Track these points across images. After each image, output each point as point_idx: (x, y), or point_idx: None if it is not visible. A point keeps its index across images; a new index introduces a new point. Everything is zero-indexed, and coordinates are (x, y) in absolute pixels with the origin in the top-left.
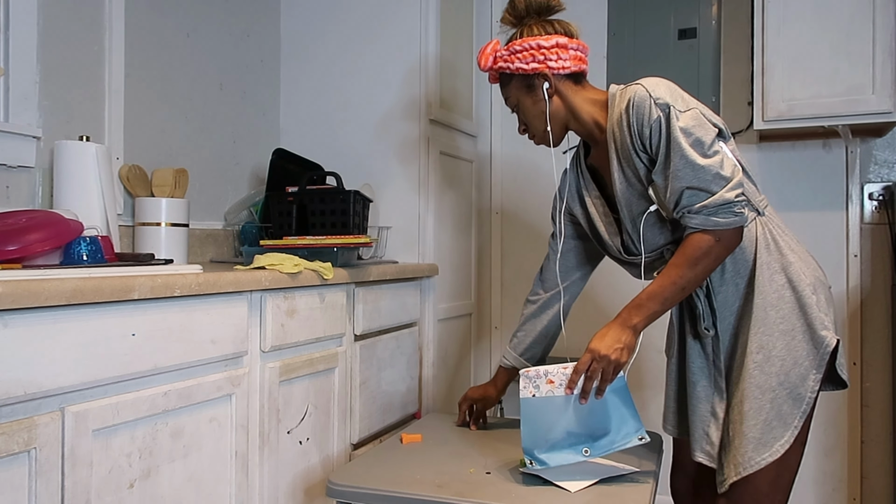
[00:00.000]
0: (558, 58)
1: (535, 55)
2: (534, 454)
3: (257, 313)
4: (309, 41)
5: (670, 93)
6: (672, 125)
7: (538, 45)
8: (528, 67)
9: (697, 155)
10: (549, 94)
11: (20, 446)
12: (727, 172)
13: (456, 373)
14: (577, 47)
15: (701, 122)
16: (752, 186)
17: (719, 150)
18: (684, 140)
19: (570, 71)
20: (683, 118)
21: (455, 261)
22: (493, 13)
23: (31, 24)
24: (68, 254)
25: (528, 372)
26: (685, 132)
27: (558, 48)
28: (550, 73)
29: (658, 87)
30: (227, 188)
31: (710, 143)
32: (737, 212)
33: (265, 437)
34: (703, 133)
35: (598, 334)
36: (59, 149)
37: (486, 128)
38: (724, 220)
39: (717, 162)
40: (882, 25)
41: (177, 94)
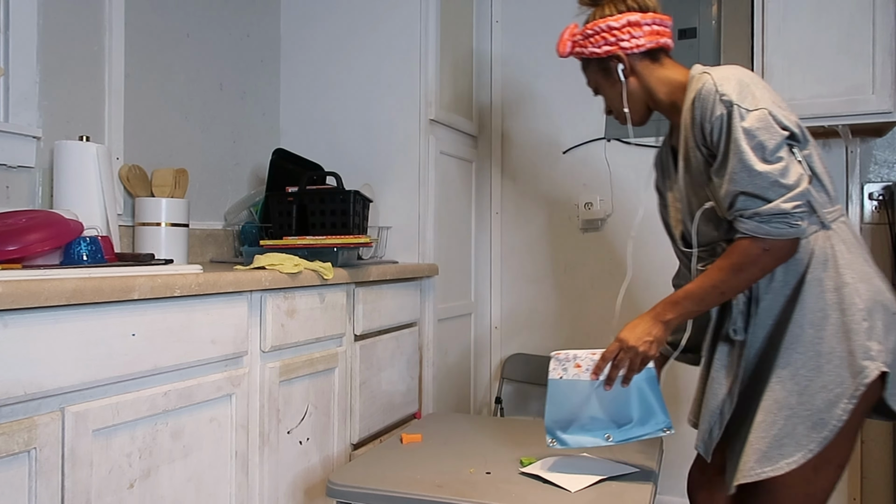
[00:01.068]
0: (631, 37)
1: (607, 37)
2: (555, 433)
3: (257, 313)
4: (309, 41)
5: (739, 89)
6: (734, 125)
7: (608, 26)
8: (601, 51)
9: (757, 159)
10: (625, 75)
11: (20, 446)
12: (788, 181)
13: (456, 373)
14: (653, 21)
15: (767, 124)
16: (824, 197)
17: (784, 156)
18: (745, 142)
19: (645, 48)
20: (749, 118)
21: (455, 261)
22: (492, 13)
23: (31, 24)
24: (68, 254)
25: (558, 354)
26: (748, 133)
27: (630, 27)
28: (624, 53)
29: (727, 80)
30: (227, 188)
31: (773, 147)
32: (792, 223)
33: (265, 437)
34: (768, 137)
35: (630, 325)
36: (59, 149)
37: (486, 128)
38: (776, 229)
39: (779, 169)
40: (882, 25)
41: (177, 94)
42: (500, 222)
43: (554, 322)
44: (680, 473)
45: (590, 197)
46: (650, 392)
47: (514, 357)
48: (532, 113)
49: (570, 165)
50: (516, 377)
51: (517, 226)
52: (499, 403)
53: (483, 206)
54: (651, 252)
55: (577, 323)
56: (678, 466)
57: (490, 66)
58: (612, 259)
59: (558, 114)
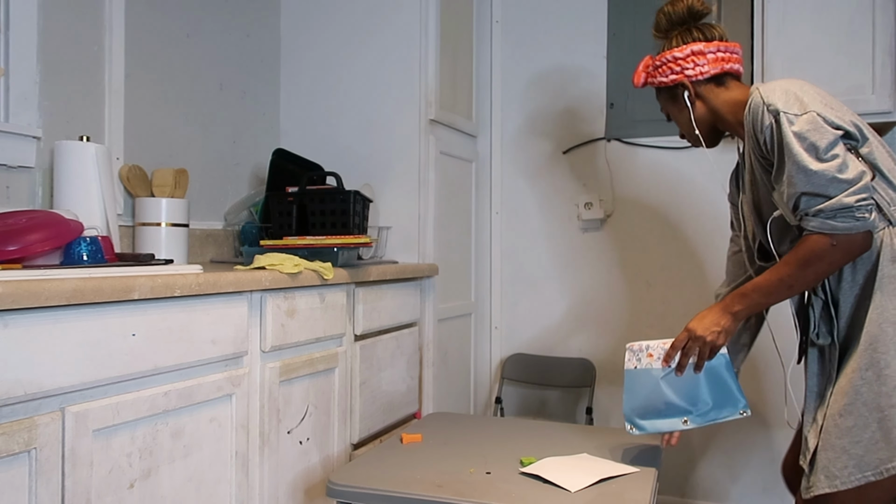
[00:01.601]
0: (695, 65)
1: (673, 67)
2: (633, 420)
3: (257, 313)
4: (309, 41)
5: (785, 97)
6: (784, 131)
7: (673, 57)
8: (668, 80)
9: (812, 159)
10: (692, 101)
11: (20, 446)
12: (848, 175)
13: (456, 373)
14: (717, 49)
15: (817, 125)
16: (891, 193)
17: (839, 153)
18: (797, 145)
19: (709, 75)
20: (799, 122)
21: (455, 261)
22: (492, 13)
23: (31, 24)
24: (68, 254)
25: (632, 346)
26: (799, 137)
27: (694, 56)
28: (689, 81)
29: (773, 91)
30: (227, 188)
31: (826, 146)
32: (858, 216)
33: (265, 437)
34: (819, 137)
35: (699, 315)
36: (59, 149)
37: (486, 128)
38: (842, 224)
39: (835, 166)
40: (882, 25)
41: (177, 94)
42: (500, 222)
43: (554, 322)
44: (680, 473)
45: (590, 197)
46: (727, 376)
47: (514, 357)
48: (532, 113)
49: (570, 165)
50: (516, 377)
51: (517, 226)
52: (499, 403)
53: (483, 206)
54: (651, 252)
55: (578, 323)
56: (678, 466)
57: (490, 66)
58: (612, 259)
59: (558, 114)
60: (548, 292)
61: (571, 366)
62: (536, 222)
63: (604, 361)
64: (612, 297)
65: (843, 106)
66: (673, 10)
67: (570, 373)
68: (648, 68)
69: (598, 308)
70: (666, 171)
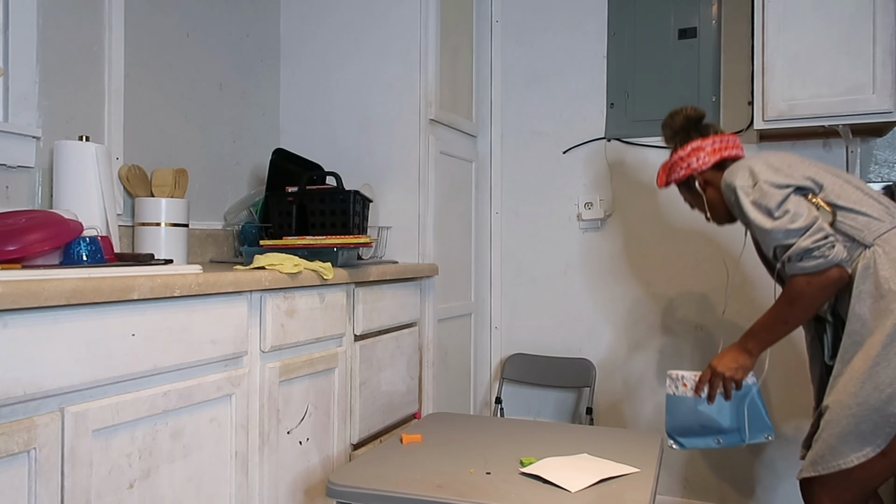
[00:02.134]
0: (697, 159)
1: (681, 164)
2: (674, 437)
3: (257, 313)
4: (309, 41)
5: (741, 174)
6: (742, 203)
7: (679, 157)
8: (680, 175)
9: (767, 219)
10: (702, 188)
11: (20, 446)
12: (799, 224)
13: (456, 373)
14: (713, 142)
15: (764, 191)
16: (861, 219)
17: (789, 208)
18: (754, 212)
19: (711, 164)
20: (752, 193)
21: (455, 261)
22: (492, 13)
23: (31, 24)
24: (68, 254)
25: (671, 373)
26: (755, 205)
27: (695, 151)
28: (696, 172)
29: (732, 173)
30: (227, 188)
31: (775, 206)
32: (817, 255)
33: (265, 438)
34: (768, 200)
35: (720, 353)
36: (58, 149)
37: (486, 128)
38: (809, 264)
39: (787, 220)
40: (882, 25)
41: (177, 94)
42: (500, 222)
43: (554, 322)
44: (680, 473)
45: (590, 197)
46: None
47: (514, 357)
48: (532, 113)
49: (570, 165)
50: (516, 377)
51: (517, 226)
52: (499, 403)
53: (483, 206)
54: (651, 252)
55: (578, 323)
56: (678, 466)
57: (490, 66)
58: (612, 259)
59: (558, 114)
60: (548, 292)
61: (571, 366)
62: (536, 222)
63: (604, 361)
64: (612, 296)
65: (803, 163)
66: (673, 122)
67: (570, 373)
68: (666, 170)
69: (598, 308)
70: None
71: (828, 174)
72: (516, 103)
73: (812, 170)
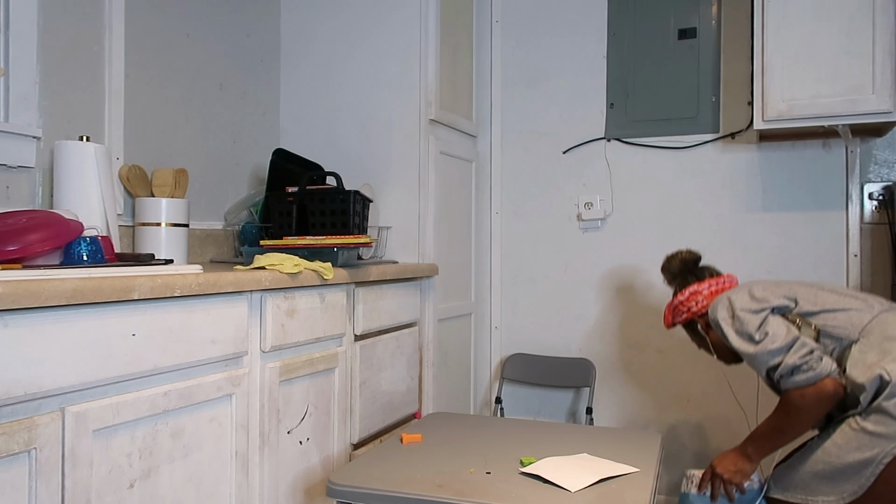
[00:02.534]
0: (696, 303)
1: (681, 308)
2: None
3: (257, 313)
4: (309, 41)
5: (721, 307)
6: (727, 334)
7: (679, 302)
8: (683, 319)
9: (749, 345)
10: (705, 331)
11: (20, 446)
12: (779, 344)
13: (456, 373)
14: (709, 285)
15: (742, 319)
16: (840, 317)
17: (767, 330)
18: (738, 341)
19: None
20: (734, 323)
21: (455, 261)
22: (492, 13)
23: (31, 24)
24: (68, 254)
25: (688, 473)
26: (738, 333)
27: (693, 295)
28: (696, 316)
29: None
30: (227, 188)
31: (754, 331)
32: (806, 369)
33: (265, 437)
34: (748, 326)
35: (721, 454)
36: (59, 149)
37: (486, 128)
38: (800, 378)
39: (767, 342)
40: (882, 25)
41: (177, 94)
42: (500, 222)
43: (554, 322)
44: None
45: (590, 197)
46: None
47: (514, 357)
48: (532, 113)
49: (570, 165)
50: (516, 377)
51: (517, 226)
52: (499, 403)
53: (483, 206)
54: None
55: (578, 323)
56: (678, 466)
57: (490, 66)
58: (612, 259)
59: (558, 114)
60: (548, 292)
61: (571, 366)
62: (536, 222)
63: (604, 361)
64: (612, 297)
65: (779, 285)
66: (670, 266)
67: (570, 373)
68: (671, 311)
69: (599, 308)
70: (666, 171)
71: (802, 286)
72: (516, 103)
73: (785, 288)
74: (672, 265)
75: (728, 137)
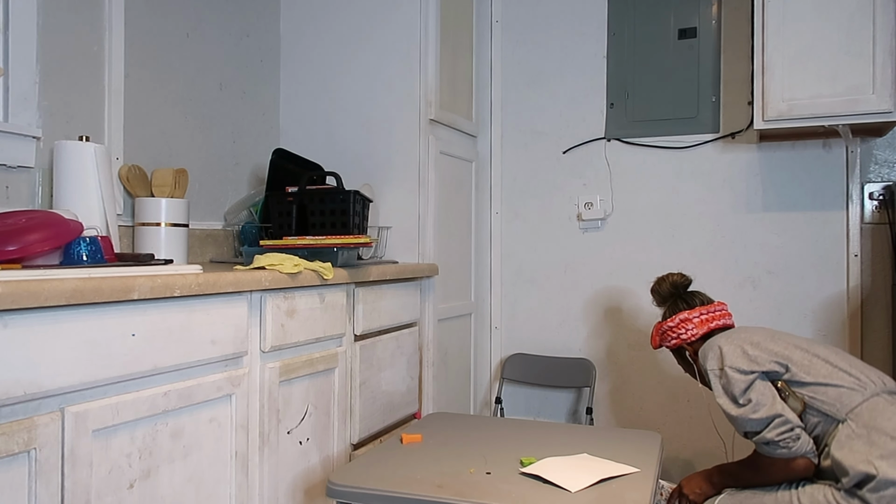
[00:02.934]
0: (686, 330)
1: (670, 335)
2: None
3: (257, 313)
4: (309, 41)
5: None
6: (712, 385)
7: (668, 328)
8: (671, 344)
9: (732, 405)
10: (693, 358)
11: (20, 446)
12: (762, 415)
13: (456, 373)
14: (700, 314)
15: (730, 378)
16: (832, 391)
17: (752, 397)
18: (721, 397)
19: (700, 335)
20: (721, 379)
21: (455, 261)
22: (492, 13)
23: (31, 24)
24: (68, 254)
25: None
26: (724, 390)
27: (683, 323)
28: (685, 343)
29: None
30: (227, 188)
31: (739, 393)
32: (781, 446)
33: (265, 438)
34: (734, 387)
35: (690, 476)
36: (58, 149)
37: (486, 128)
38: (774, 452)
39: (750, 409)
40: (882, 25)
41: (177, 94)
42: (500, 222)
43: (554, 322)
44: (680, 473)
45: (590, 197)
46: None
47: (514, 357)
48: (532, 113)
49: (570, 165)
50: (516, 377)
51: (517, 226)
52: (499, 403)
53: (483, 206)
54: (651, 252)
55: (578, 323)
56: (678, 466)
57: (490, 66)
58: (612, 259)
59: (558, 114)
60: (548, 292)
61: (571, 366)
62: (536, 222)
63: (604, 361)
64: (612, 297)
65: (774, 339)
66: (660, 288)
67: (570, 373)
68: (659, 333)
69: (598, 308)
70: (666, 171)
71: (797, 350)
72: (516, 103)
73: (780, 347)
74: (662, 288)
75: (728, 137)
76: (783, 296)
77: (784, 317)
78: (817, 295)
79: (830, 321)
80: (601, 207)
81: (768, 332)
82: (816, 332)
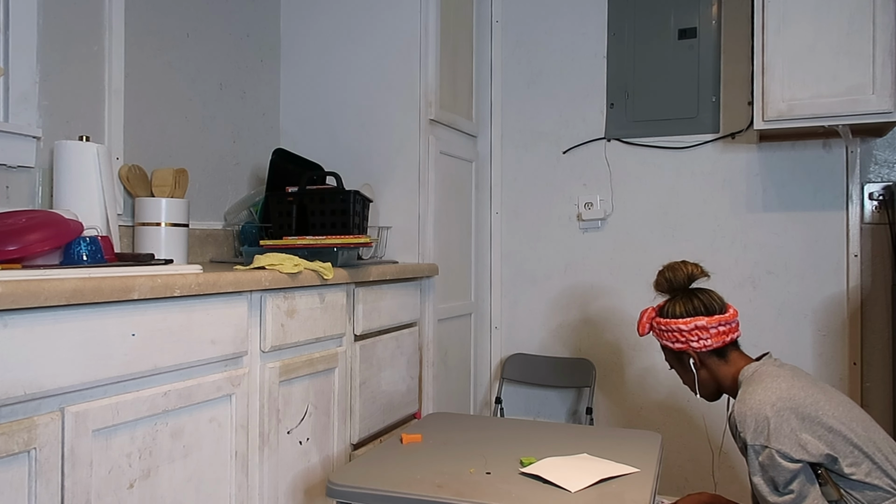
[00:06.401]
0: (699, 339)
1: (678, 337)
2: None
3: (257, 313)
4: (309, 41)
5: (755, 426)
6: (750, 458)
7: (679, 329)
8: (674, 347)
9: (770, 491)
10: (696, 368)
11: (20, 446)
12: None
13: (456, 373)
14: (719, 324)
15: (776, 463)
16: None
17: (794, 489)
18: (759, 475)
19: (713, 348)
20: (762, 455)
21: (455, 261)
22: (492, 13)
23: (31, 24)
24: (68, 254)
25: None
26: (762, 467)
27: (698, 330)
28: (694, 351)
29: (745, 419)
30: (227, 188)
31: (783, 482)
32: None
33: (265, 438)
34: (777, 473)
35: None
36: (59, 149)
37: (486, 128)
38: None
39: (789, 500)
40: (882, 25)
41: (177, 94)
42: (500, 222)
43: (554, 322)
44: (680, 473)
45: (590, 197)
46: None
47: (514, 357)
48: (532, 113)
49: (570, 165)
50: (516, 377)
51: (517, 226)
52: (499, 403)
53: (483, 206)
54: (651, 252)
55: (578, 323)
56: (678, 466)
57: (490, 66)
58: (612, 259)
59: (558, 114)
60: (548, 293)
61: (571, 366)
62: (536, 222)
63: (604, 361)
64: (612, 297)
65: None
66: (674, 277)
67: (570, 373)
68: (653, 322)
69: (598, 308)
70: (666, 171)
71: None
72: (516, 103)
73: (842, 426)
74: (677, 276)
75: (728, 137)
76: (783, 296)
77: (784, 317)
78: (817, 295)
79: (830, 321)
80: (601, 207)
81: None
82: (816, 331)
